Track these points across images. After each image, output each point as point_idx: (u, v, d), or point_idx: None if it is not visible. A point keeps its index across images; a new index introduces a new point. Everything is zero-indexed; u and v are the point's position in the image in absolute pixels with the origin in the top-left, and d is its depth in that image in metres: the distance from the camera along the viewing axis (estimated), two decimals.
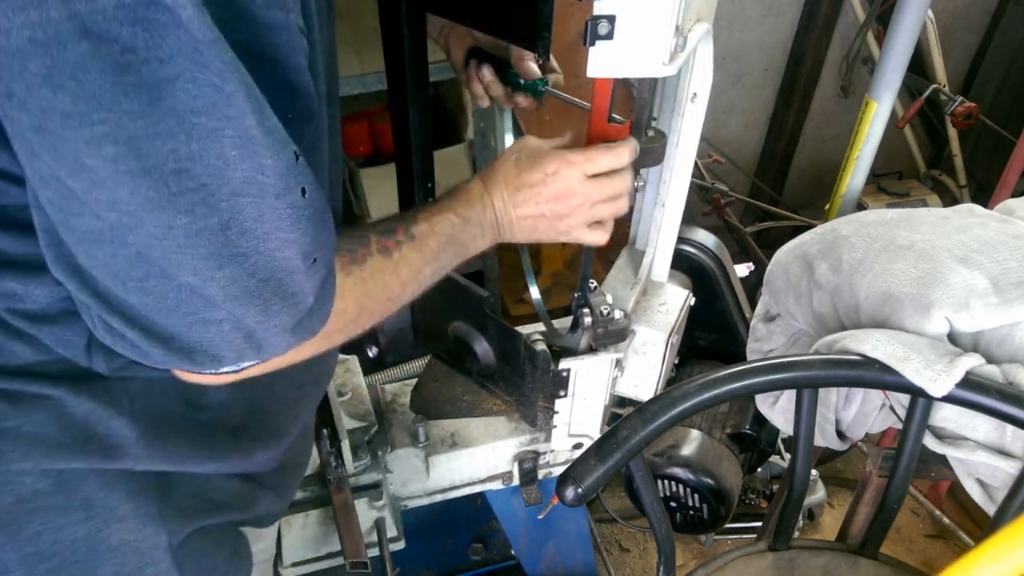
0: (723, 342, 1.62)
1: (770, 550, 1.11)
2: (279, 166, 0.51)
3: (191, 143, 0.46)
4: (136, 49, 0.42)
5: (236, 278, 0.52)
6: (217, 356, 0.56)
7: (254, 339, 0.56)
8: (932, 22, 2.21)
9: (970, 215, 1.07)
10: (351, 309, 0.68)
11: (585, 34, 0.76)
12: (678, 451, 1.45)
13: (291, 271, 0.55)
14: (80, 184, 0.46)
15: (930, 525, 2.00)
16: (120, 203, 0.47)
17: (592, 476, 0.81)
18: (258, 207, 0.51)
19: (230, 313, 0.54)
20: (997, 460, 0.94)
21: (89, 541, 0.65)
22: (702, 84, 0.97)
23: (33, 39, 0.40)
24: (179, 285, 0.52)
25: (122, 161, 0.45)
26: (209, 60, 0.44)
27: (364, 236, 0.71)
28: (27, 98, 0.43)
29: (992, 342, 0.95)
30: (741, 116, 2.63)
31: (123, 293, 0.52)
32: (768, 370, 0.89)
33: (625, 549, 1.98)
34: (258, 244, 0.52)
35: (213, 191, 0.48)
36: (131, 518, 0.67)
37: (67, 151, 0.44)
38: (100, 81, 0.42)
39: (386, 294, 0.72)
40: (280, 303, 0.56)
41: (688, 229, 1.48)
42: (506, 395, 1.25)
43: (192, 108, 0.45)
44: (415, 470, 1.23)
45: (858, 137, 1.69)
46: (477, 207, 0.81)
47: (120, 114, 0.44)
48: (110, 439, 0.63)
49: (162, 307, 0.53)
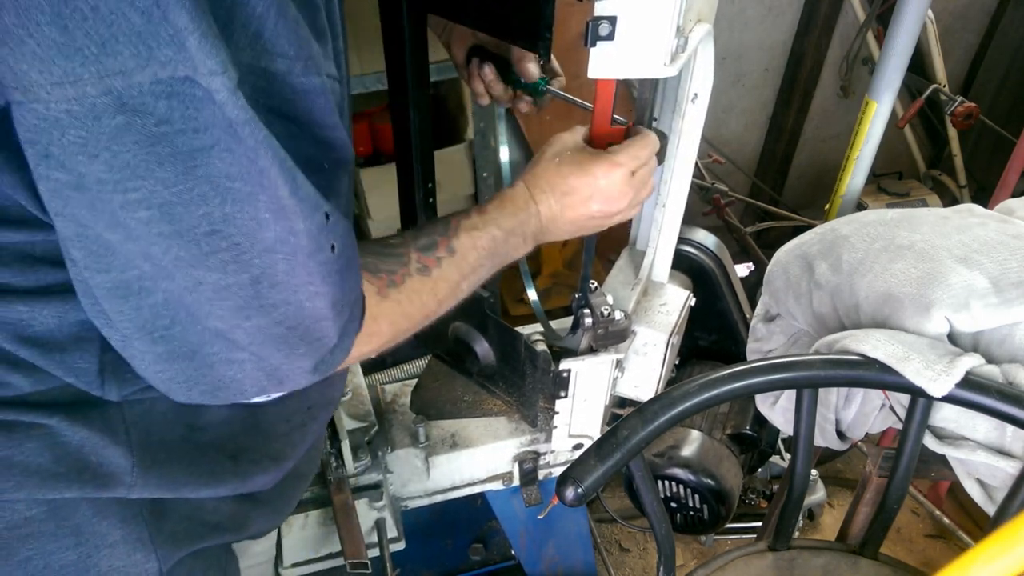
0: (723, 342, 1.62)
1: (770, 550, 1.11)
2: (311, 228, 0.52)
3: (225, 206, 0.47)
4: (171, 121, 0.43)
5: (263, 327, 0.53)
6: (241, 391, 0.57)
7: (276, 376, 0.57)
8: (932, 22, 2.21)
9: (970, 215, 1.07)
10: (385, 332, 0.67)
11: (586, 35, 0.76)
12: (678, 452, 1.45)
13: (319, 319, 0.56)
14: (115, 236, 0.47)
15: (930, 525, 2.00)
16: (153, 257, 0.48)
17: (592, 476, 0.80)
18: (290, 263, 0.52)
19: (253, 354, 0.55)
20: (997, 460, 0.94)
21: (79, 566, 0.65)
22: (703, 85, 0.97)
23: (70, 111, 0.41)
24: (204, 329, 0.52)
25: (155, 224, 0.46)
26: (243, 137, 0.45)
27: (404, 254, 0.70)
28: (65, 161, 0.43)
29: (992, 342, 0.95)
30: (741, 116, 2.63)
31: (149, 343, 0.53)
32: (768, 370, 0.89)
33: (625, 549, 1.98)
34: (287, 296, 0.53)
35: (245, 249, 0.49)
36: (121, 544, 0.66)
37: (104, 209, 0.45)
38: (135, 151, 0.43)
39: (423, 313, 0.71)
40: (305, 347, 0.57)
41: (688, 229, 1.48)
42: (506, 395, 1.24)
43: (227, 174, 0.46)
44: (415, 470, 1.23)
45: (858, 137, 1.69)
46: (522, 216, 0.81)
47: (154, 182, 0.45)
48: (104, 468, 0.63)
49: (186, 349, 0.53)
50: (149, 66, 0.41)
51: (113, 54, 0.41)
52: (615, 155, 0.83)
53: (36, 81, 0.41)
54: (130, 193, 0.45)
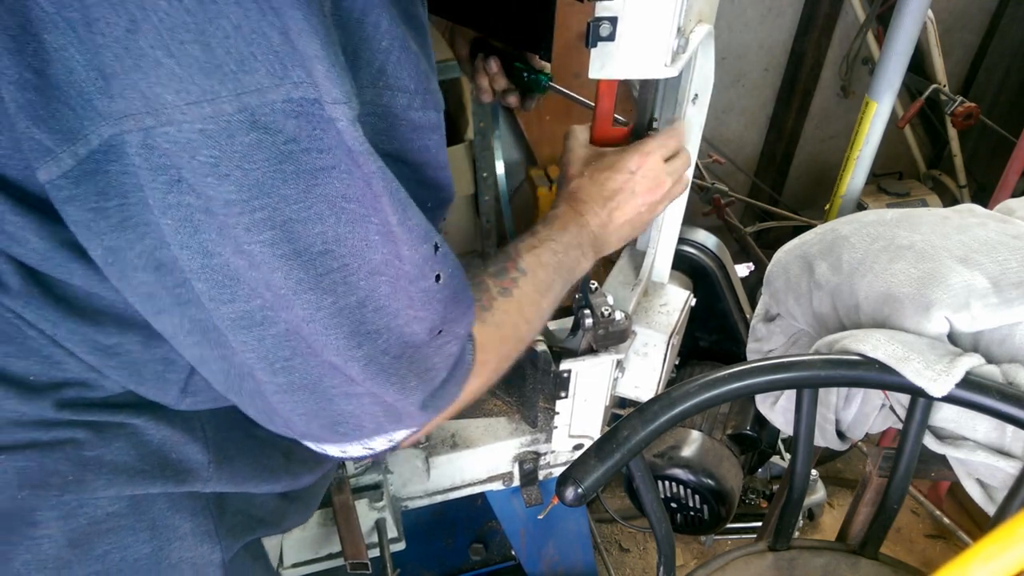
0: (723, 342, 1.62)
1: (770, 550, 1.11)
2: (416, 257, 0.53)
3: (339, 226, 0.48)
4: (298, 139, 0.44)
5: (373, 356, 0.54)
6: (359, 426, 0.58)
7: (393, 413, 0.58)
8: (932, 22, 2.21)
9: (970, 215, 1.07)
10: (492, 360, 0.69)
11: (587, 36, 0.76)
12: (679, 452, 1.46)
13: (417, 344, 0.57)
14: (241, 263, 0.48)
15: (930, 525, 2.00)
16: (274, 285, 0.49)
17: (592, 476, 0.81)
18: (392, 286, 0.53)
19: (368, 390, 0.56)
20: (997, 460, 0.94)
21: (152, 559, 0.67)
22: (703, 85, 0.97)
23: (204, 131, 0.42)
24: (323, 362, 0.53)
25: (277, 245, 0.47)
26: (361, 163, 0.46)
27: (482, 281, 0.71)
28: (195, 184, 0.44)
29: (992, 342, 0.95)
30: (741, 116, 2.63)
31: (271, 374, 0.54)
32: (768, 370, 0.89)
33: (625, 549, 1.98)
34: (389, 321, 0.54)
35: (354, 270, 0.50)
36: (190, 536, 0.68)
37: (230, 233, 0.46)
38: (264, 169, 0.44)
39: (516, 335, 0.73)
40: (416, 380, 0.58)
41: (689, 230, 1.48)
42: (507, 396, 1.25)
43: (344, 195, 0.47)
44: (415, 471, 1.23)
45: (858, 137, 1.69)
46: (573, 229, 0.82)
47: (278, 199, 0.45)
48: (184, 464, 0.65)
49: (307, 381, 0.54)
50: (283, 85, 0.42)
51: (251, 71, 0.42)
52: (643, 145, 0.86)
53: (171, 102, 0.41)
54: (256, 213, 0.45)
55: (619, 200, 0.85)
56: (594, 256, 0.86)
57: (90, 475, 0.61)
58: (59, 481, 0.60)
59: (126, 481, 0.63)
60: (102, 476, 0.61)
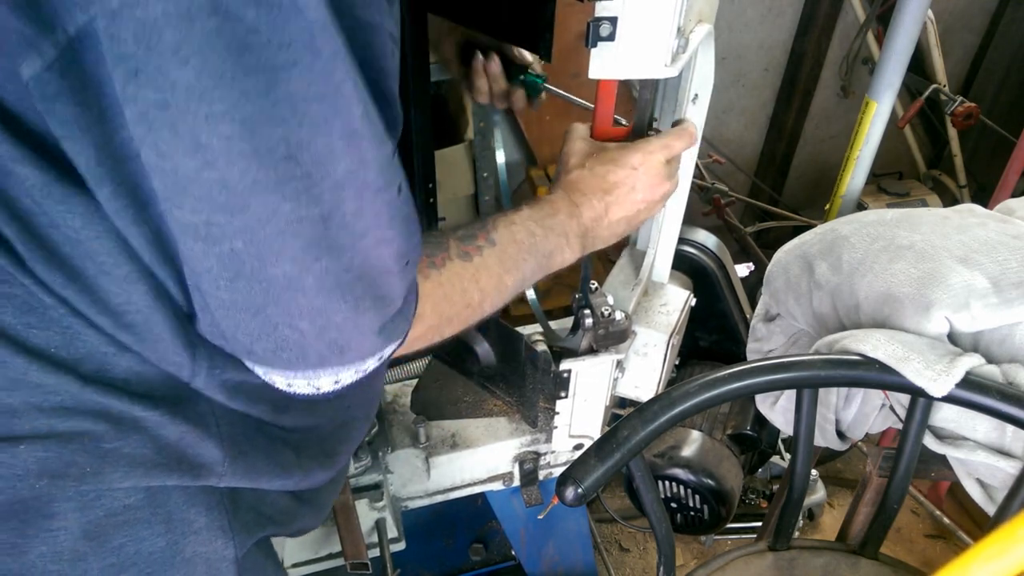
0: (724, 342, 1.62)
1: (770, 550, 1.11)
2: (380, 160, 0.52)
3: (301, 130, 0.47)
4: (259, 30, 0.44)
5: (331, 270, 0.53)
6: (303, 355, 0.57)
7: (339, 343, 0.57)
8: (932, 22, 2.21)
9: (970, 215, 1.07)
10: (429, 315, 0.67)
11: (587, 36, 0.76)
12: (679, 452, 1.46)
13: (384, 271, 0.56)
14: (194, 163, 0.47)
15: (930, 525, 2.00)
16: (229, 184, 0.48)
17: (592, 476, 0.81)
18: (358, 202, 0.52)
19: (320, 310, 0.55)
20: (997, 460, 0.94)
21: (166, 552, 0.67)
22: (703, 85, 0.97)
23: (166, 12, 0.42)
24: (272, 277, 0.52)
25: (236, 141, 0.46)
26: (322, 46, 0.46)
27: (443, 241, 0.71)
28: (155, 74, 0.44)
29: (992, 342, 0.95)
30: (741, 116, 2.63)
31: (215, 288, 0.53)
32: (768, 370, 0.89)
33: (625, 549, 1.98)
34: (355, 241, 0.53)
35: (317, 182, 0.49)
36: (205, 531, 0.69)
37: (186, 129, 0.46)
38: (224, 57, 0.44)
39: (465, 300, 0.71)
40: (370, 302, 0.57)
41: (689, 230, 1.48)
42: (507, 396, 1.25)
43: (305, 96, 0.46)
44: (416, 471, 1.23)
45: (858, 137, 1.69)
46: (562, 217, 0.81)
47: (239, 94, 0.45)
48: (199, 459, 0.66)
49: (250, 305, 0.54)
50: None
51: None
52: (647, 144, 0.86)
53: None
54: (215, 104, 0.45)
55: (618, 195, 0.84)
56: (580, 248, 0.84)
57: (108, 467, 0.61)
58: (77, 472, 0.60)
59: (143, 474, 0.63)
60: (120, 468, 0.62)
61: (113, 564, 0.64)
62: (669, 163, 0.88)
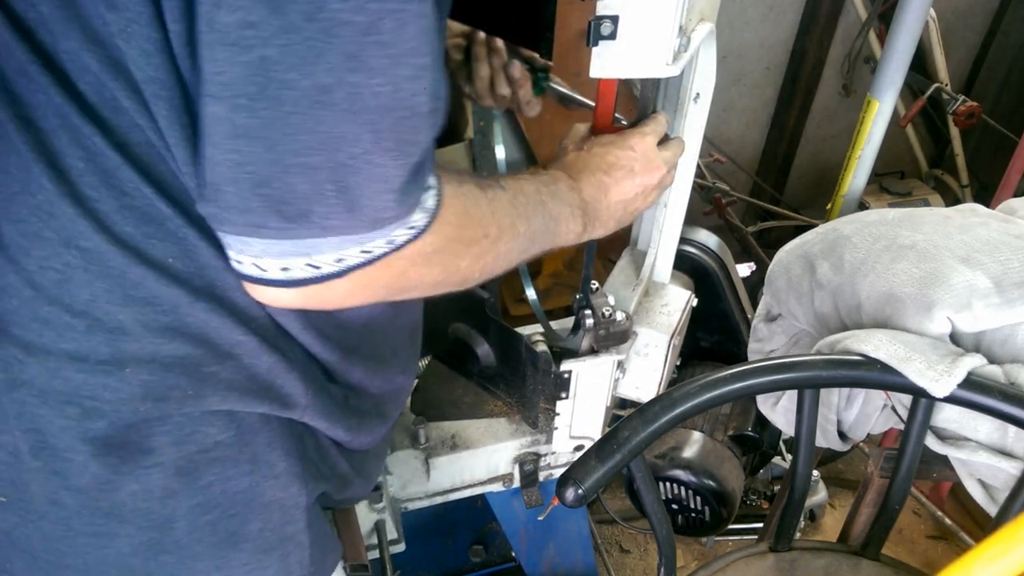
0: (725, 343, 1.62)
1: (771, 551, 1.11)
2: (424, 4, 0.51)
3: None
4: None
5: (362, 89, 0.51)
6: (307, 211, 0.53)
7: (350, 189, 0.53)
8: (934, 21, 2.21)
9: (972, 215, 1.06)
10: (451, 221, 0.62)
11: (588, 34, 0.76)
12: (680, 453, 1.45)
13: (414, 108, 0.54)
14: None
15: (932, 526, 1.99)
16: None
17: (593, 477, 0.80)
18: (399, 20, 0.50)
19: (340, 137, 0.52)
20: (999, 461, 0.94)
21: (248, 494, 0.69)
22: (705, 84, 0.96)
23: None
24: (303, 89, 0.50)
25: None
26: None
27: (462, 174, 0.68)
28: None
29: (994, 342, 0.95)
30: (742, 115, 2.62)
31: (231, 110, 0.50)
32: (770, 370, 0.89)
33: (626, 550, 1.98)
34: (389, 64, 0.51)
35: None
36: (283, 475, 0.71)
37: None
38: None
39: (483, 227, 0.67)
40: (392, 143, 0.53)
41: (690, 230, 1.48)
42: (507, 397, 1.24)
43: None
44: (415, 472, 1.22)
45: (860, 136, 1.69)
46: (562, 186, 0.79)
47: None
48: (285, 389, 0.68)
49: (265, 133, 0.51)
50: None
51: None
52: (639, 127, 0.88)
53: None
54: None
55: (616, 176, 0.83)
56: (582, 225, 0.81)
57: (208, 389, 0.63)
58: (179, 395, 0.62)
59: (238, 398, 0.65)
60: (219, 391, 0.64)
61: (199, 504, 0.66)
62: (662, 147, 0.89)
